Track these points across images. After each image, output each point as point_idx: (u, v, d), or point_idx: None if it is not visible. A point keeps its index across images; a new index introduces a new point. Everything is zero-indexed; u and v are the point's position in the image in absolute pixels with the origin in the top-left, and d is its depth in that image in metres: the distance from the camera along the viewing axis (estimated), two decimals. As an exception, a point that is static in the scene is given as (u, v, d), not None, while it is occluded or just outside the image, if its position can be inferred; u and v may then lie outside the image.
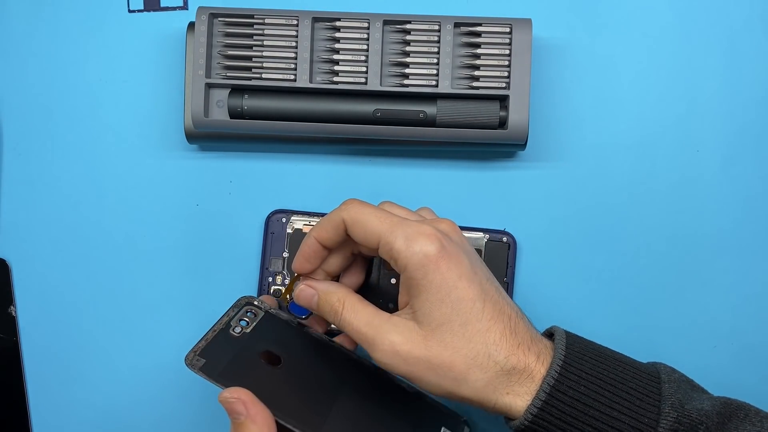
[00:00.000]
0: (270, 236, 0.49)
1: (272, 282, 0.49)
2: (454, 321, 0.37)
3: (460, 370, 0.37)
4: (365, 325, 0.39)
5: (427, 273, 0.37)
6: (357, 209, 0.39)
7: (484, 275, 0.39)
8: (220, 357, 0.40)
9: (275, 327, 0.43)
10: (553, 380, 0.36)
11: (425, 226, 0.38)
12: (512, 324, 0.38)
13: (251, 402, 0.37)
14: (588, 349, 0.39)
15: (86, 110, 0.51)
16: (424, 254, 0.37)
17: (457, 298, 0.37)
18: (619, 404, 0.37)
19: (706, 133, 0.50)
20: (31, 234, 0.50)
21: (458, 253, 0.38)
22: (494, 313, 0.38)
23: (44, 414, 0.50)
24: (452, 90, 0.46)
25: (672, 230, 0.49)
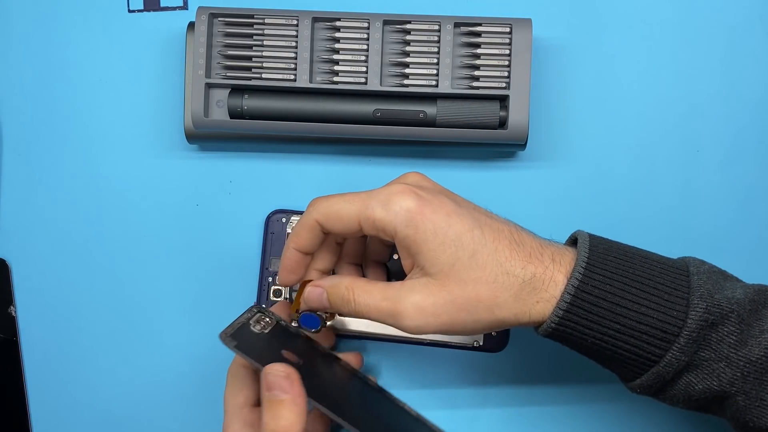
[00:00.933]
0: (270, 236, 0.49)
1: (272, 282, 0.49)
2: (462, 257, 0.37)
3: (488, 297, 0.37)
4: (382, 300, 0.38)
5: (417, 226, 0.37)
6: (324, 204, 0.39)
7: (470, 205, 0.39)
8: (248, 342, 0.40)
9: (288, 335, 0.43)
10: (578, 281, 0.36)
11: (393, 186, 0.38)
12: (516, 237, 0.38)
13: (297, 382, 0.37)
14: (613, 248, 0.38)
15: (86, 110, 0.51)
16: (406, 210, 0.37)
17: (455, 235, 0.37)
18: (647, 299, 0.36)
19: (706, 133, 0.50)
20: (31, 234, 0.50)
21: (436, 195, 0.38)
22: (494, 233, 0.38)
23: (44, 414, 0.50)
24: (452, 90, 0.46)
25: (672, 230, 0.49)
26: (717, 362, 0.36)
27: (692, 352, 0.36)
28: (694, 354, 0.36)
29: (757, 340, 0.36)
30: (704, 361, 0.36)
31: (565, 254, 0.38)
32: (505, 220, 0.39)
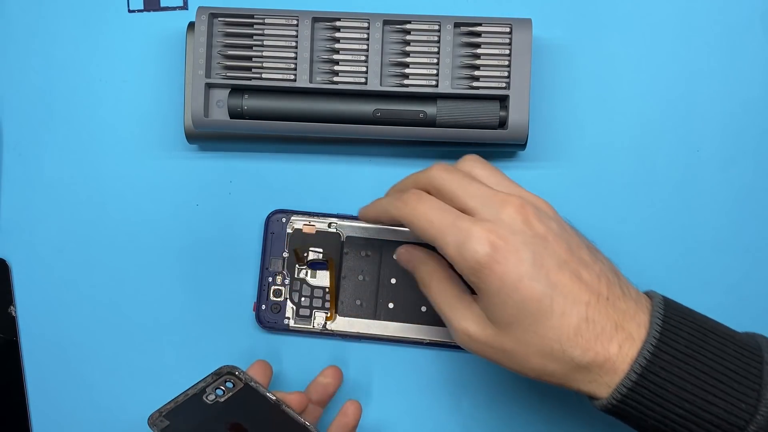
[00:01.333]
0: (270, 236, 0.49)
1: (272, 282, 0.49)
2: (522, 321, 0.35)
3: (537, 363, 0.36)
4: (446, 306, 0.39)
5: (482, 279, 0.35)
6: (411, 210, 0.38)
7: (554, 264, 0.36)
8: (186, 421, 0.39)
9: (251, 401, 0.41)
10: (646, 360, 0.34)
11: (476, 229, 0.36)
12: (590, 313, 0.35)
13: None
14: (687, 320, 0.36)
15: (86, 110, 0.51)
16: (475, 261, 0.35)
17: (521, 300, 0.35)
18: (715, 386, 0.35)
19: (706, 133, 0.50)
20: (31, 234, 0.50)
21: (518, 249, 0.35)
22: (565, 307, 0.35)
23: (44, 414, 0.50)
24: (452, 90, 0.46)
25: (672, 230, 0.49)
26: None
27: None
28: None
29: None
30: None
31: (640, 322, 0.36)
32: (592, 278, 0.36)
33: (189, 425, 0.39)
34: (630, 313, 0.36)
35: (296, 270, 0.49)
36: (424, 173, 0.39)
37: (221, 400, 0.40)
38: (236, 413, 0.40)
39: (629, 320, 0.36)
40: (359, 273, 0.49)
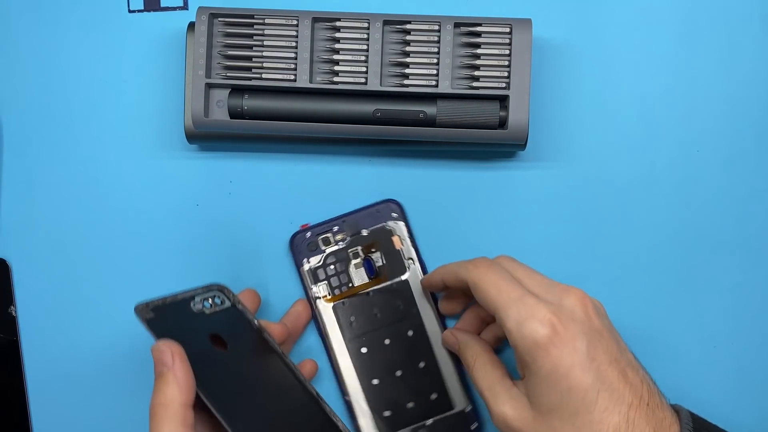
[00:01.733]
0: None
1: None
2: (563, 409, 0.36)
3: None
4: (486, 390, 0.40)
5: (536, 359, 0.36)
6: (481, 274, 0.40)
7: (606, 359, 0.37)
8: (169, 320, 0.40)
9: (234, 321, 0.42)
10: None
11: (541, 308, 0.37)
12: (631, 415, 0.36)
13: (179, 356, 0.38)
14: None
15: (86, 110, 0.51)
16: (533, 340, 0.36)
17: (568, 388, 0.36)
18: None
19: (706, 133, 0.50)
20: (31, 234, 0.50)
21: (575, 337, 0.36)
22: (609, 403, 0.36)
23: (44, 414, 0.50)
24: (452, 90, 0.46)
25: (672, 230, 0.49)
26: None
27: None
28: None
29: None
30: None
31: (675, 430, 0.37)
32: (637, 382, 0.37)
33: (172, 324, 0.40)
34: (666, 423, 0.37)
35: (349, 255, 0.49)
36: (496, 259, 0.42)
37: (207, 312, 0.41)
38: (218, 327, 0.41)
39: (665, 430, 0.36)
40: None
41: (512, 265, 0.41)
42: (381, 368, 0.48)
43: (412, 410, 0.48)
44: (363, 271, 0.49)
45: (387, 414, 0.48)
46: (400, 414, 0.48)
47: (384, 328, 0.48)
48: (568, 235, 0.50)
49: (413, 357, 0.48)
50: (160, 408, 0.37)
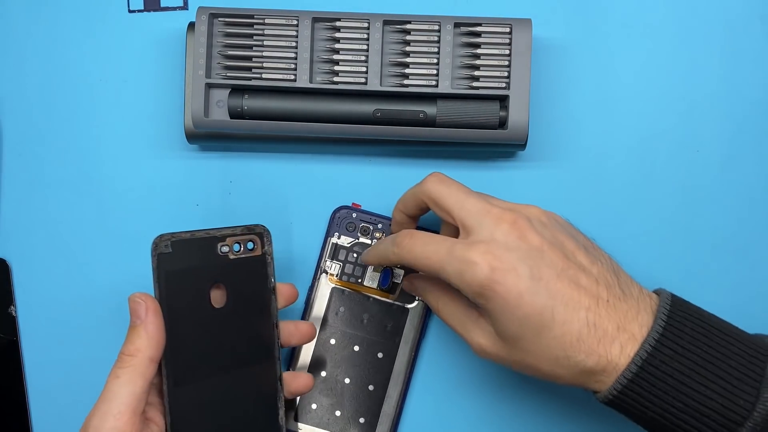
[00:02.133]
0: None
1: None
2: (527, 334, 0.37)
3: (546, 370, 0.37)
4: (457, 325, 0.41)
5: (486, 300, 0.37)
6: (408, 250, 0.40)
7: (552, 273, 0.37)
8: (184, 258, 0.40)
9: (252, 272, 0.43)
10: (647, 353, 0.35)
11: (472, 252, 0.37)
12: (590, 318, 0.36)
13: (153, 312, 0.39)
14: (692, 317, 0.37)
15: (86, 110, 0.51)
16: (477, 284, 0.36)
17: (524, 315, 0.36)
18: (715, 382, 0.35)
19: (706, 133, 0.50)
20: (31, 234, 0.50)
21: (515, 266, 0.36)
22: (566, 315, 0.36)
23: (44, 414, 0.50)
24: (452, 90, 0.46)
25: (672, 230, 0.49)
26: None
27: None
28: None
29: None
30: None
31: (643, 322, 0.37)
32: (592, 282, 0.37)
33: (183, 265, 0.41)
34: (632, 314, 0.37)
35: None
36: (421, 186, 0.41)
37: (231, 257, 0.42)
38: (228, 277, 0.42)
39: (631, 321, 0.37)
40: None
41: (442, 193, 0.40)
42: (336, 366, 0.48)
43: (336, 418, 0.48)
44: (378, 277, 0.49)
45: (313, 407, 0.48)
46: (323, 415, 0.48)
47: (362, 335, 0.48)
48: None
49: (369, 377, 0.48)
50: (125, 357, 0.39)
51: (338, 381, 0.48)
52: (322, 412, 0.48)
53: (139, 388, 0.38)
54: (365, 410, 0.48)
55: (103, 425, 0.37)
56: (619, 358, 0.36)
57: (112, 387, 0.38)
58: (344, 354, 0.48)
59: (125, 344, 0.39)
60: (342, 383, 0.48)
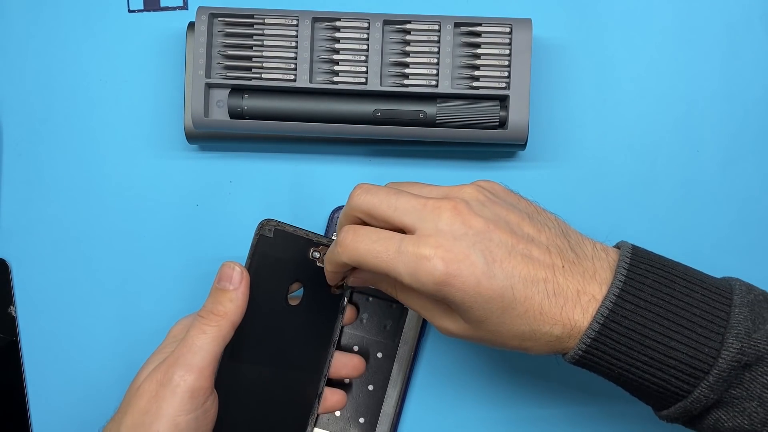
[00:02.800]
0: None
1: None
2: (491, 317, 0.36)
3: (514, 345, 0.37)
4: (420, 309, 0.40)
5: (446, 295, 0.36)
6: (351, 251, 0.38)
7: (503, 253, 0.36)
8: (279, 248, 0.43)
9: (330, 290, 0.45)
10: (608, 310, 0.35)
11: (422, 248, 0.35)
12: (549, 288, 0.36)
13: (246, 283, 0.41)
14: (655, 267, 0.37)
15: (86, 110, 0.51)
16: (433, 282, 0.35)
17: (485, 300, 0.36)
18: (679, 332, 0.35)
19: (706, 133, 0.50)
20: (31, 234, 0.50)
21: (466, 254, 0.35)
22: (526, 290, 0.36)
23: (44, 414, 0.50)
24: (452, 90, 0.46)
25: (672, 230, 0.49)
26: (749, 401, 0.35)
27: (722, 390, 0.35)
28: (724, 392, 0.35)
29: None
30: (735, 399, 0.35)
31: (602, 280, 0.37)
32: (543, 252, 0.37)
33: (276, 253, 0.43)
34: (589, 274, 0.37)
35: None
36: (349, 203, 0.39)
37: (318, 265, 0.44)
38: (311, 282, 0.45)
39: (589, 281, 0.37)
40: None
41: (371, 203, 0.38)
42: None
43: (336, 419, 0.48)
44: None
45: None
46: (322, 415, 0.48)
47: (362, 335, 0.48)
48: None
49: (368, 377, 0.48)
50: (214, 316, 0.40)
51: (338, 382, 0.48)
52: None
53: (220, 348, 0.40)
54: (365, 410, 0.48)
55: (189, 376, 0.39)
56: (582, 321, 0.36)
57: (198, 341, 0.40)
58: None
59: (213, 304, 0.41)
60: (342, 383, 0.48)
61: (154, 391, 0.39)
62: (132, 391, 0.40)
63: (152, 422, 0.38)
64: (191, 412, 0.39)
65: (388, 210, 0.37)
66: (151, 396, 0.39)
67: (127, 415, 0.39)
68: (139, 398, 0.39)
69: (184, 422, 0.38)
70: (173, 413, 0.38)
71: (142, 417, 0.38)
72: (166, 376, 0.39)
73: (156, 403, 0.38)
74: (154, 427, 0.38)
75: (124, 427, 0.39)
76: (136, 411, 0.39)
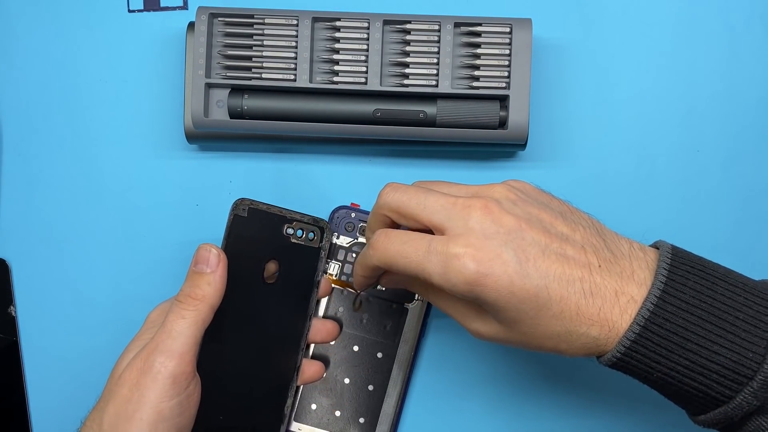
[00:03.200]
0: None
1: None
2: (525, 318, 0.35)
3: (548, 347, 0.36)
4: (453, 313, 0.39)
5: (478, 295, 0.35)
6: (383, 251, 0.37)
7: (537, 252, 0.35)
8: (255, 227, 0.44)
9: (306, 260, 0.46)
10: (649, 312, 0.34)
11: (452, 247, 0.35)
12: (586, 287, 0.35)
13: (224, 265, 0.41)
14: (695, 269, 0.36)
15: (86, 110, 0.51)
16: (464, 282, 0.34)
17: (519, 301, 0.35)
18: (722, 336, 0.34)
19: (706, 133, 0.50)
20: (31, 234, 0.50)
21: (498, 253, 0.35)
22: (561, 290, 0.35)
23: (44, 414, 0.50)
24: (452, 90, 0.46)
25: (672, 230, 0.49)
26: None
27: (766, 396, 0.34)
28: (767, 398, 0.34)
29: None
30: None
31: (641, 281, 0.35)
32: (578, 250, 0.36)
33: (251, 232, 0.44)
34: (627, 274, 0.36)
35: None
36: (378, 202, 0.39)
37: (292, 240, 0.45)
38: (285, 258, 0.45)
39: (627, 281, 0.35)
40: None
41: (401, 200, 0.38)
42: (336, 367, 0.48)
43: (336, 419, 0.48)
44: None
45: (313, 407, 0.48)
46: (322, 415, 0.48)
47: (362, 335, 0.48)
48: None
49: (368, 377, 0.48)
50: (192, 300, 0.40)
51: (338, 381, 0.48)
52: (321, 413, 0.48)
53: (200, 332, 0.40)
54: (365, 410, 0.48)
55: (169, 362, 0.38)
56: (621, 322, 0.35)
57: (177, 326, 0.39)
58: (344, 354, 0.48)
59: (191, 288, 0.40)
60: (342, 383, 0.48)
61: (135, 379, 0.38)
62: (113, 380, 0.40)
63: (135, 410, 0.38)
64: (174, 397, 0.38)
65: (417, 208, 0.37)
66: (133, 384, 0.38)
67: (109, 404, 0.39)
68: (121, 387, 0.39)
69: (168, 408, 0.38)
70: (156, 400, 0.38)
71: (125, 405, 0.38)
72: (146, 364, 0.38)
73: (138, 391, 0.38)
74: (137, 415, 0.38)
75: (107, 416, 0.38)
76: (118, 400, 0.38)
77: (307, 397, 0.48)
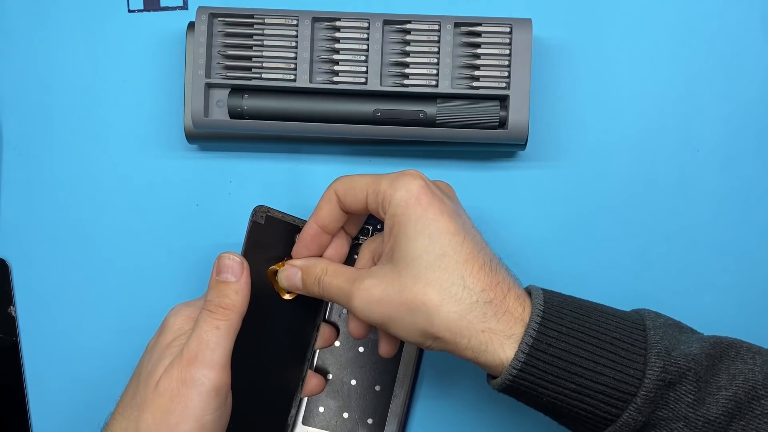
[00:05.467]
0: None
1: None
2: (430, 252, 0.36)
3: (433, 303, 0.36)
4: (346, 281, 0.39)
5: (408, 207, 0.37)
6: (344, 178, 0.41)
7: (468, 220, 0.39)
8: (271, 234, 0.44)
9: None
10: (532, 338, 0.35)
11: (411, 170, 0.39)
12: (493, 264, 0.37)
13: (248, 273, 0.40)
14: (567, 302, 0.38)
15: (86, 110, 0.51)
16: (406, 190, 0.38)
17: (437, 230, 0.37)
18: (603, 357, 0.36)
19: (706, 133, 0.50)
20: (31, 234, 0.50)
21: (442, 196, 0.38)
22: (474, 248, 0.37)
23: (44, 414, 0.50)
24: (452, 90, 0.46)
25: (672, 230, 0.49)
26: (675, 422, 0.35)
27: (649, 411, 0.35)
28: (651, 413, 0.35)
29: (714, 398, 0.35)
30: (662, 420, 0.36)
31: (525, 302, 0.37)
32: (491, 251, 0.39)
33: (267, 240, 0.44)
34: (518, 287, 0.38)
35: None
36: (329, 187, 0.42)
37: None
38: None
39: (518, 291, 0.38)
40: None
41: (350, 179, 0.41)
42: (342, 369, 0.48)
43: (344, 420, 0.48)
44: None
45: (321, 410, 0.48)
46: (331, 417, 0.48)
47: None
48: (568, 234, 0.50)
49: (375, 377, 0.48)
50: (223, 309, 0.39)
51: (345, 383, 0.48)
52: (329, 415, 0.48)
53: (233, 342, 0.39)
54: (373, 411, 0.48)
55: (211, 373, 0.37)
56: (515, 308, 0.37)
57: (213, 337, 0.38)
58: (349, 356, 0.48)
59: (220, 297, 0.39)
60: (348, 385, 0.48)
61: (176, 389, 0.37)
62: (148, 387, 0.38)
63: (179, 423, 0.37)
64: (216, 410, 0.38)
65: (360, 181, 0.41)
66: (174, 395, 0.37)
67: (146, 412, 0.38)
68: (159, 396, 0.38)
69: (210, 421, 0.38)
70: (200, 413, 0.37)
71: (166, 416, 0.37)
72: (188, 375, 0.37)
73: (181, 403, 0.37)
74: (181, 428, 0.37)
75: (144, 424, 0.37)
76: (158, 410, 0.37)
77: (314, 400, 0.48)
